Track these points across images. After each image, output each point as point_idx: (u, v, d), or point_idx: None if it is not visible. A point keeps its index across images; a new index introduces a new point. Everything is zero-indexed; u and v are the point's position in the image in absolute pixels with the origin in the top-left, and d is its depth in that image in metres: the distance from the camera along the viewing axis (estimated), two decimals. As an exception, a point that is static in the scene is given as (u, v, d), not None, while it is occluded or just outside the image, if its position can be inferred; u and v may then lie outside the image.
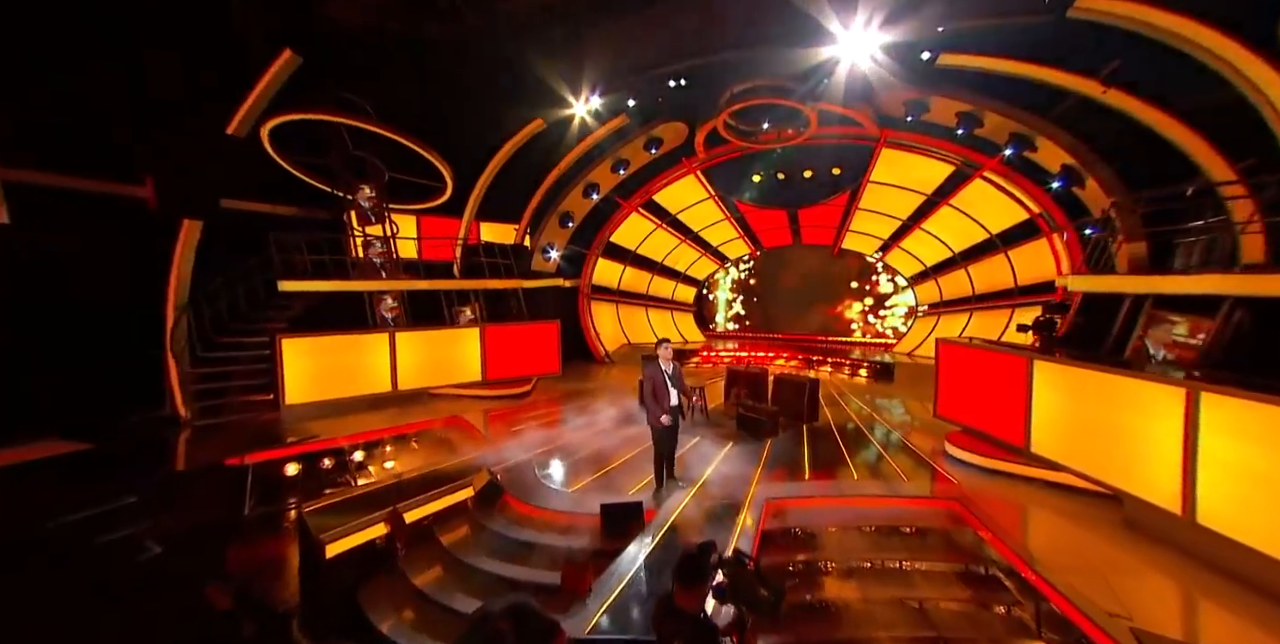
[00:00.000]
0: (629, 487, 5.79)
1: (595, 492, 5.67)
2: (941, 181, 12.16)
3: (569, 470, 6.37)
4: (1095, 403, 4.77)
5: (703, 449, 6.97)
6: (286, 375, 7.62)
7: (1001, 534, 4.47)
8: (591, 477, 6.11)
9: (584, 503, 5.34)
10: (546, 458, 6.77)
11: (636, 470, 6.26)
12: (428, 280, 10.54)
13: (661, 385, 5.30)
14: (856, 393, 11.18)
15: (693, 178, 15.36)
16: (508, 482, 5.91)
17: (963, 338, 6.77)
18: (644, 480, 5.92)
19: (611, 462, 6.59)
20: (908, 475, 5.90)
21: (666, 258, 17.83)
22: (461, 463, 6.54)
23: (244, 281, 8.99)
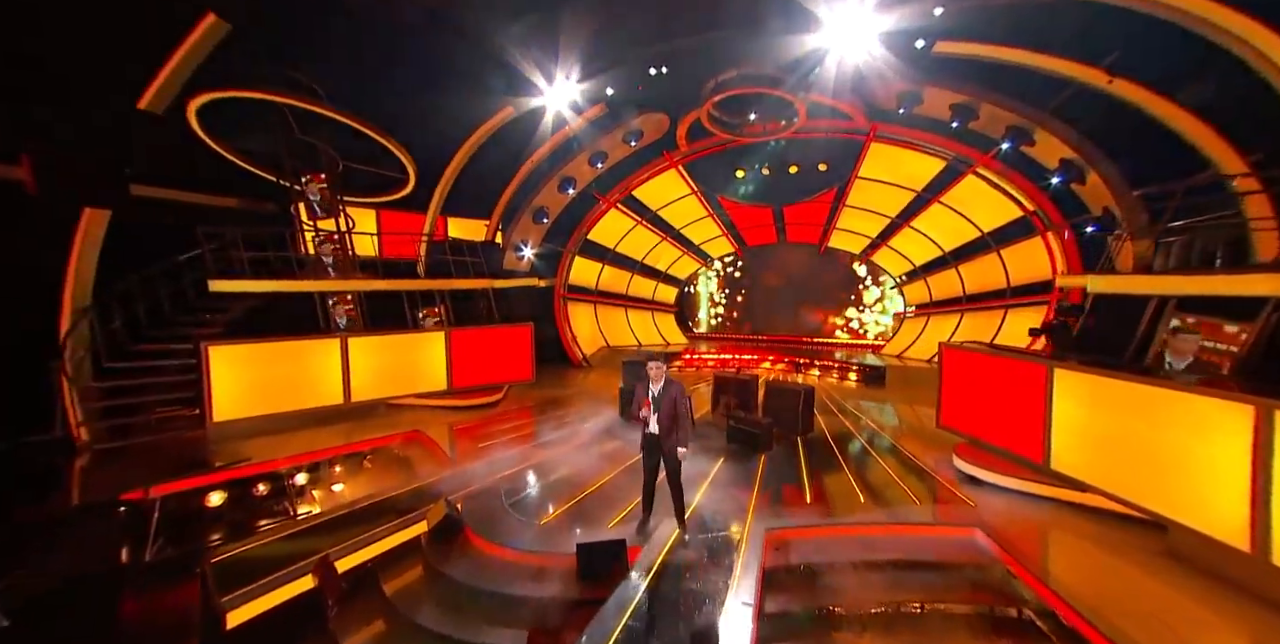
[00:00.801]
0: (610, 516, 5.09)
1: (571, 523, 4.96)
2: (932, 178, 11.83)
3: (541, 496, 5.63)
4: (1131, 417, 4.29)
5: (689, 468, 6.30)
6: (214, 388, 6.64)
7: (1032, 568, 3.94)
8: (567, 504, 5.38)
9: (557, 539, 4.61)
10: (516, 481, 6.01)
11: (618, 494, 5.56)
12: (386, 280, 9.61)
13: (644, 408, 4.61)
14: (848, 398, 10.72)
15: (674, 172, 14.73)
16: (469, 512, 5.13)
17: (970, 342, 6.28)
18: (628, 507, 5.23)
19: (589, 485, 5.87)
20: (918, 497, 5.37)
21: (647, 256, 17.19)
22: (417, 489, 5.72)
23: (170, 281, 7.94)
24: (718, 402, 8.07)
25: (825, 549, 4.55)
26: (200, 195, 8.94)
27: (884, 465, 6.48)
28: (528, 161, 13.34)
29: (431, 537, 4.66)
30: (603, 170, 14.17)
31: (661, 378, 4.59)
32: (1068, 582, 3.76)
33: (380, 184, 11.39)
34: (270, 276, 8.45)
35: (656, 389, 4.59)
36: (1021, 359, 5.46)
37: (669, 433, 4.54)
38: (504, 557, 4.47)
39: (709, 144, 13.81)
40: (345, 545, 4.37)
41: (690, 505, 5.16)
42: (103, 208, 6.36)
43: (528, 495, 5.63)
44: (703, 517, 4.98)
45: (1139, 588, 3.67)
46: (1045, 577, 3.81)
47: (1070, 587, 3.68)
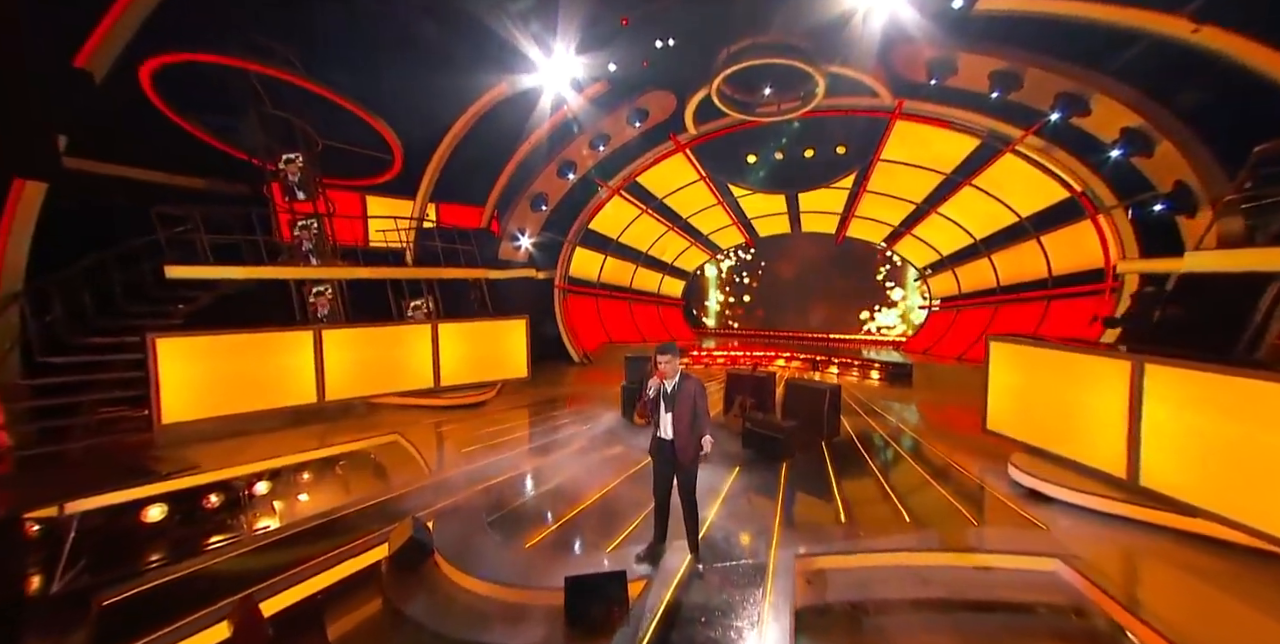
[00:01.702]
0: (609, 538, 4.32)
1: (562, 547, 4.20)
2: (964, 158, 10.91)
3: (528, 513, 4.87)
4: (1251, 424, 3.46)
5: (703, 479, 5.52)
6: (163, 386, 5.92)
7: (1137, 613, 3.13)
8: (558, 523, 4.61)
9: (544, 567, 3.85)
10: (500, 493, 5.25)
11: (620, 509, 4.80)
12: (367, 267, 8.88)
13: (654, 409, 3.84)
14: (872, 398, 9.89)
15: (682, 157, 13.90)
16: (442, 532, 4.38)
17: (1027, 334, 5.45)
18: (631, 525, 4.46)
19: (586, 498, 5.10)
20: (974, 517, 4.56)
21: (652, 247, 16.39)
22: (382, 503, 4.98)
23: (125, 267, 7.24)
24: (731, 402, 7.29)
25: (869, 583, 3.76)
26: (160, 174, 8.22)
27: (925, 476, 5.66)
28: (524, 144, 12.57)
29: (393, 564, 3.91)
30: (605, 154, 13.35)
31: (675, 372, 3.80)
32: (1184, 631, 2.96)
33: (364, 165, 10.68)
34: (238, 263, 7.75)
35: (670, 386, 3.80)
36: (1099, 354, 4.63)
37: (686, 439, 3.75)
38: (477, 591, 3.71)
39: (719, 126, 12.97)
40: (286, 576, 3.63)
41: (704, 525, 4.38)
42: (34, 178, 5.65)
43: (513, 511, 4.87)
44: (718, 539, 4.20)
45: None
46: (1155, 625, 3.00)
47: (1188, 638, 2.88)
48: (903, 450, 6.61)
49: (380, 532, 4.23)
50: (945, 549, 3.98)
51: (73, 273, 6.45)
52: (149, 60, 6.42)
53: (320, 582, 3.73)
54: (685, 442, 3.75)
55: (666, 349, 3.77)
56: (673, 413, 3.76)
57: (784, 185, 14.42)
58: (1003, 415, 5.81)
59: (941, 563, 3.88)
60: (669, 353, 3.76)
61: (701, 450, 3.77)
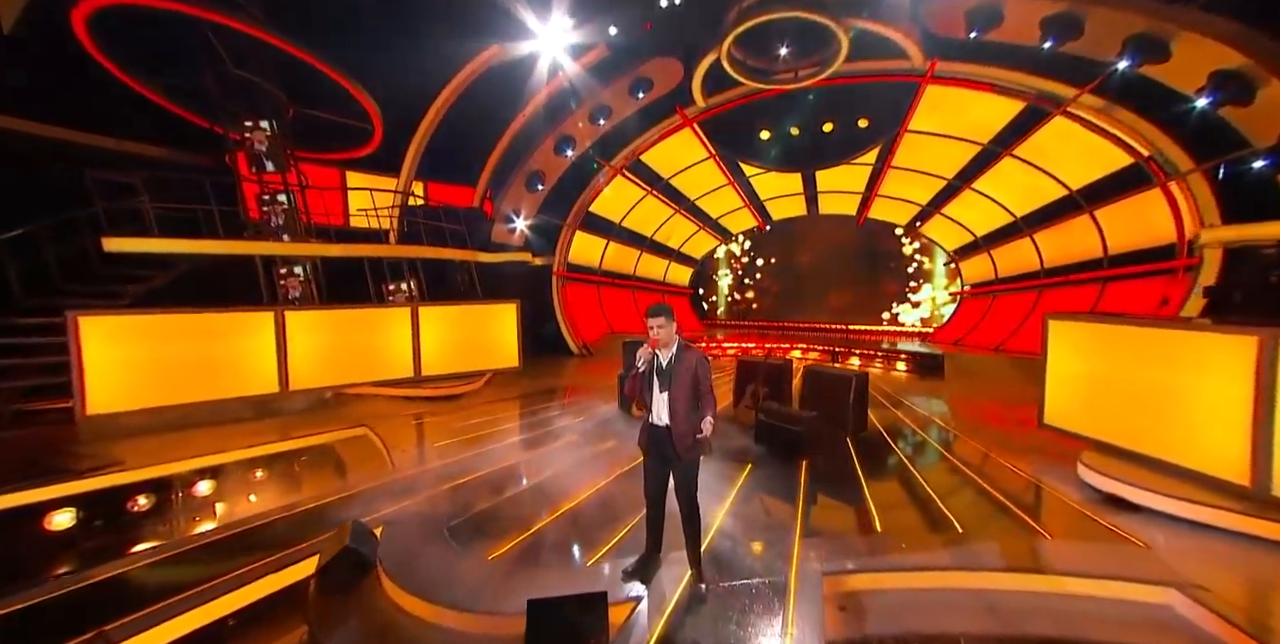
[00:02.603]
0: (593, 547, 3.62)
1: (533, 559, 3.50)
2: (1005, 125, 9.98)
3: (499, 517, 4.17)
4: None
5: (708, 478, 4.79)
6: (88, 372, 5.30)
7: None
8: (533, 529, 3.91)
9: (509, 584, 3.15)
10: (469, 493, 4.56)
11: (608, 513, 4.10)
12: (340, 245, 8.25)
13: (645, 387, 3.12)
14: (900, 391, 9.07)
15: (689, 133, 13.11)
16: (389, 541, 3.69)
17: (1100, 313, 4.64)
18: (620, 533, 3.75)
19: (569, 499, 4.40)
20: (1043, 526, 3.78)
21: (657, 232, 15.64)
22: (328, 506, 4.32)
23: (65, 241, 6.67)
24: (742, 392, 6.53)
25: (919, 610, 3.00)
26: (109, 139, 7.64)
27: (972, 476, 4.87)
28: (519, 116, 11.88)
29: (321, 581, 3.23)
30: (606, 129, 12.62)
31: (672, 341, 3.06)
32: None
33: (341, 136, 10.07)
34: (196, 236, 7.15)
35: (664, 359, 3.07)
36: (1207, 330, 3.80)
37: (686, 425, 3.00)
38: (422, 616, 3.01)
39: (730, 97, 12.18)
40: (185, 597, 2.96)
41: (707, 534, 3.65)
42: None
43: (480, 515, 4.17)
44: (725, 551, 3.47)
45: None
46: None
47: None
48: (941, 447, 5.82)
49: (313, 542, 3.55)
50: (1017, 569, 3.20)
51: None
52: (80, 3, 5.80)
53: (229, 603, 3.06)
54: (684, 429, 3.00)
55: (658, 311, 3.02)
56: (669, 392, 3.01)
57: (800, 163, 13.57)
58: (1065, 408, 5.01)
59: (1013, 586, 3.11)
60: (661, 315, 3.01)
61: (701, 433, 3.03)
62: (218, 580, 3.12)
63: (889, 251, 15.14)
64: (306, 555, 3.46)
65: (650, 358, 3.03)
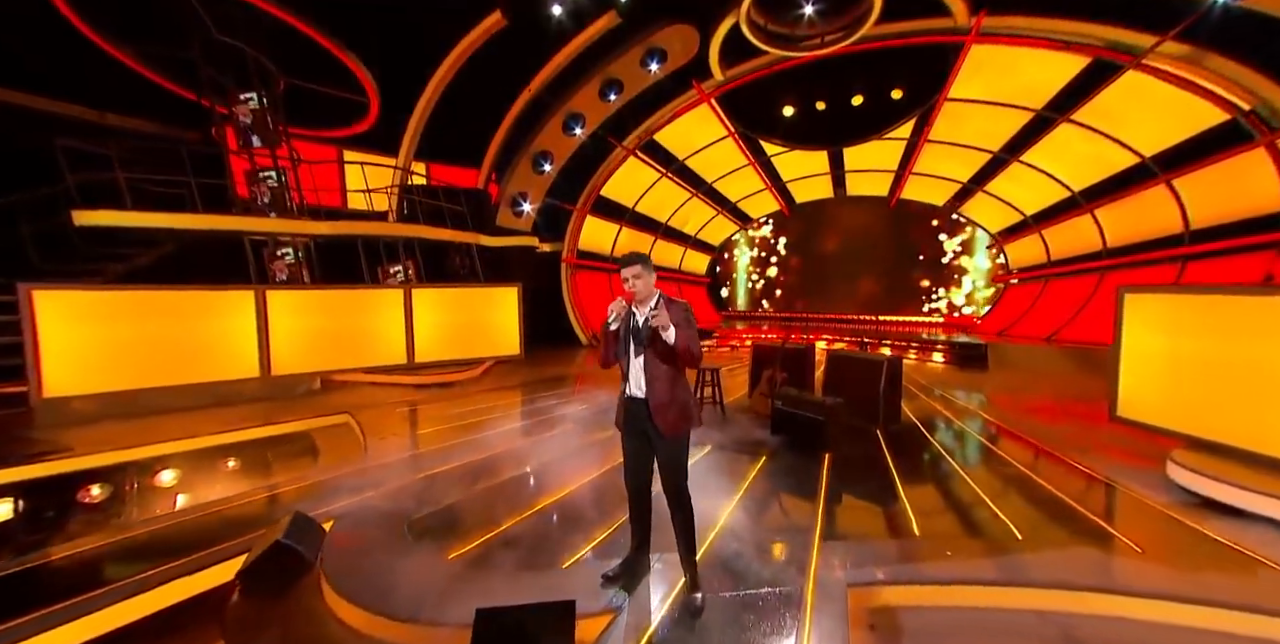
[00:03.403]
0: (572, 546, 3.13)
1: (499, 560, 3.03)
2: (1063, 86, 9.01)
3: (469, 510, 3.72)
4: None
5: (713, 472, 4.26)
6: (45, 352, 5.05)
7: None
8: (505, 525, 3.45)
9: (467, 588, 2.70)
10: (440, 484, 4.13)
11: (593, 509, 3.62)
12: (329, 222, 7.96)
13: (622, 352, 2.60)
14: (937, 383, 8.34)
15: (706, 109, 12.53)
16: (339, 536, 3.28)
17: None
18: (606, 530, 3.27)
19: (552, 492, 3.92)
20: (1132, 537, 3.12)
21: (673, 217, 15.08)
22: (282, 495, 3.95)
23: (42, 217, 6.51)
24: (757, 379, 5.96)
25: (971, 634, 2.42)
26: (91, 111, 7.49)
27: (1031, 476, 4.21)
28: (524, 91, 11.47)
29: (245, 584, 2.81)
30: (618, 104, 12.12)
31: (650, 295, 2.53)
32: None
33: (336, 111, 9.82)
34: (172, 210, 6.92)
35: (641, 316, 2.55)
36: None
37: (668, 396, 2.49)
38: (357, 626, 2.57)
39: (750, 68, 11.55)
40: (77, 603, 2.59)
41: (708, 534, 3.13)
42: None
43: (449, 509, 3.73)
44: (728, 554, 2.95)
45: None
46: None
47: None
48: (989, 442, 5.15)
49: (244, 539, 3.16)
50: (1102, 589, 2.58)
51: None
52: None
53: (132, 610, 2.66)
54: (664, 399, 2.49)
55: (633, 259, 2.50)
56: (645, 356, 2.50)
57: (827, 139, 12.84)
58: (1144, 398, 4.30)
59: (1094, 610, 2.49)
60: (637, 264, 2.49)
61: (689, 421, 2.53)
62: (119, 584, 2.72)
63: (924, 235, 14.26)
64: (237, 553, 3.06)
65: (624, 314, 2.50)
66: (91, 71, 7.35)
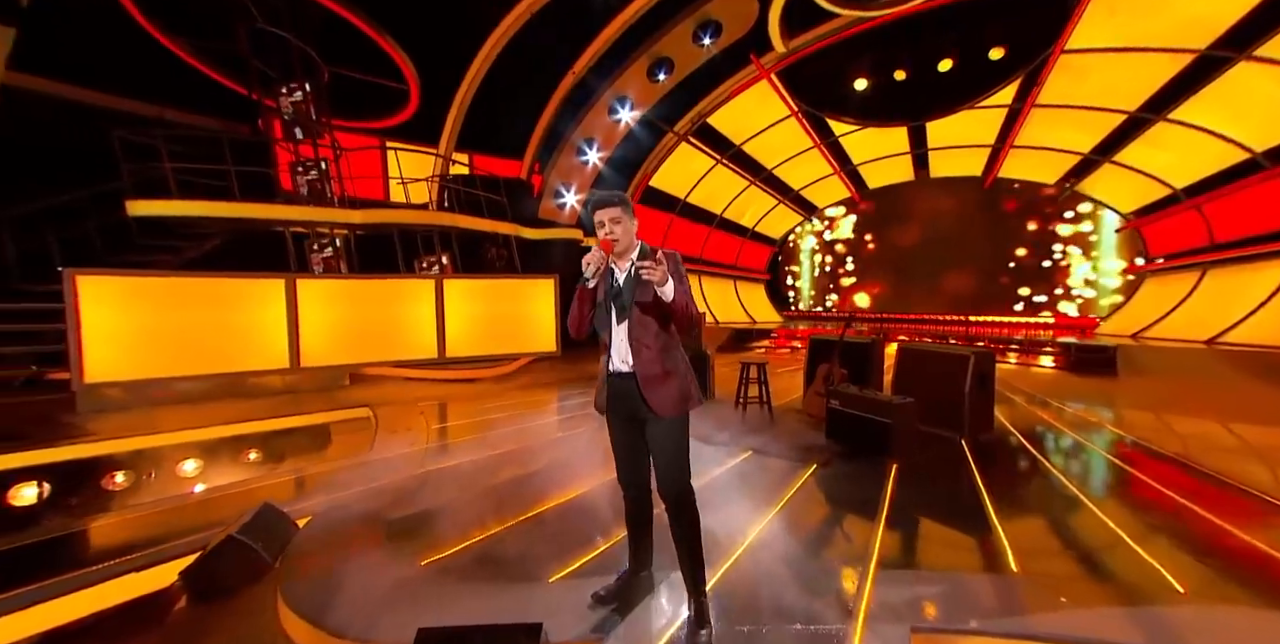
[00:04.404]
0: (565, 557, 2.75)
1: (477, 569, 2.70)
2: (1247, 12, 7.28)
3: (460, 511, 3.43)
4: None
5: (749, 480, 3.72)
6: (87, 337, 5.38)
7: None
8: (496, 528, 3.13)
9: (427, 604, 2.38)
10: (436, 483, 3.90)
11: (599, 516, 3.21)
12: (362, 210, 8.18)
13: (602, 316, 2.15)
14: (1045, 390, 7.20)
15: (766, 86, 11.96)
16: (312, 534, 3.09)
17: None
18: (609, 541, 2.86)
19: (555, 496, 3.56)
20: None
21: (728, 208, 14.48)
22: (263, 489, 3.87)
23: (110, 210, 7.11)
24: (812, 374, 5.31)
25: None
26: (150, 106, 8.16)
27: (1195, 508, 3.31)
28: (568, 75, 11.42)
29: (191, 584, 2.62)
30: (669, 85, 11.83)
31: (633, 247, 2.10)
32: None
33: (376, 100, 10.20)
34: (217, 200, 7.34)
35: (621, 272, 2.12)
36: None
37: (657, 366, 2.06)
38: (299, 641, 2.30)
39: (816, 36, 10.87)
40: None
41: (731, 551, 2.63)
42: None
43: (437, 508, 3.46)
44: (752, 578, 2.43)
45: None
46: None
47: None
48: (1125, 463, 4.20)
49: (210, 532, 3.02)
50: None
51: (34, 211, 6.29)
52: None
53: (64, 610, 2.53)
54: (657, 371, 2.06)
55: (611, 199, 2.07)
56: (630, 320, 2.06)
57: (907, 114, 11.84)
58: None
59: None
60: (616, 206, 2.05)
61: (688, 399, 2.11)
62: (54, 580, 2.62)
63: (1027, 219, 12.71)
64: (194, 550, 2.91)
65: (601, 267, 2.05)
66: (152, 68, 8.03)
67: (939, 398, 4.64)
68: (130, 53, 7.73)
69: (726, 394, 5.89)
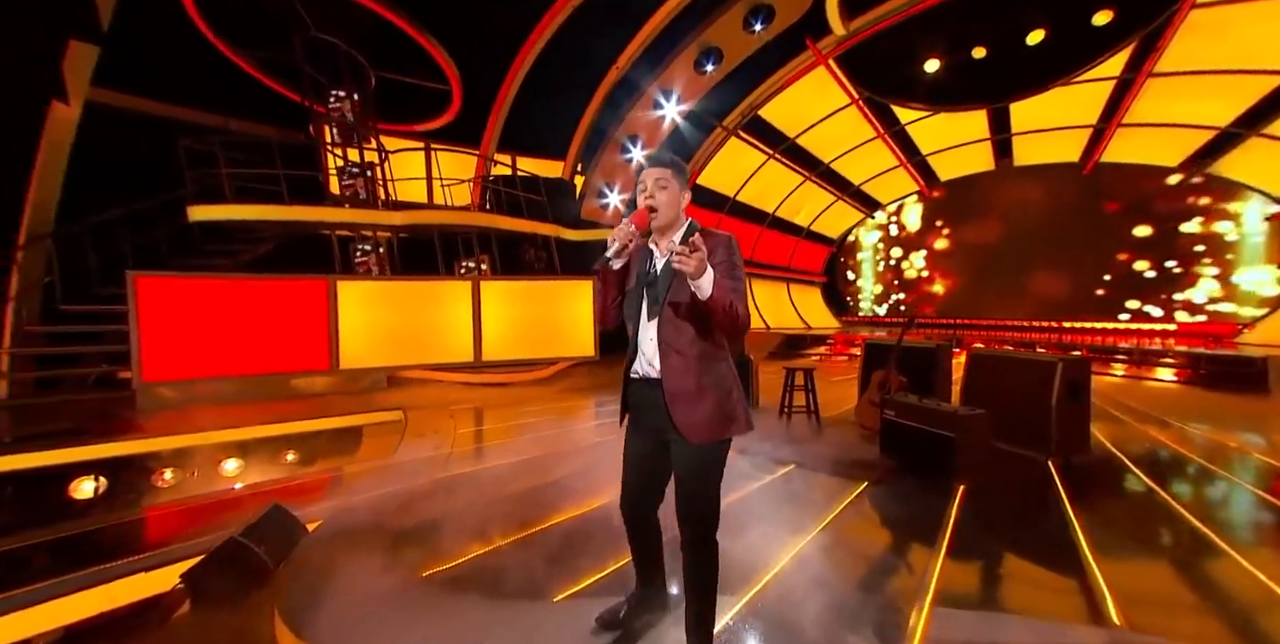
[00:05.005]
0: (575, 574, 2.62)
1: (479, 584, 2.61)
2: None
3: (471, 520, 3.36)
4: None
5: (789, 498, 3.44)
6: (144, 337, 5.81)
7: None
8: (507, 539, 3.03)
9: (417, 619, 2.30)
10: (450, 488, 3.87)
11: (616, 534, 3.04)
12: (403, 212, 8.48)
13: (631, 305, 1.85)
14: (1162, 408, 6.36)
15: (823, 73, 11.56)
16: (325, 536, 3.12)
17: None
18: (615, 564, 2.70)
19: (574, 507, 3.43)
20: None
21: (781, 206, 14.02)
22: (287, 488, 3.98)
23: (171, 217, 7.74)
24: (866, 382, 4.91)
25: None
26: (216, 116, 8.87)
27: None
28: (611, 69, 11.47)
29: (192, 587, 2.66)
30: (717, 77, 11.64)
31: (677, 223, 1.81)
32: None
33: (418, 103, 10.62)
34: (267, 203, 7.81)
35: (661, 254, 1.81)
36: None
37: (692, 376, 1.74)
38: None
39: (881, 16, 10.40)
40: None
41: (760, 577, 2.39)
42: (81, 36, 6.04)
43: (447, 515, 3.40)
44: (783, 610, 2.19)
45: None
46: None
47: None
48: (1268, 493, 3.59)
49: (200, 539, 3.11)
50: None
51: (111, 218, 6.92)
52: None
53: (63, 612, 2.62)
54: (689, 386, 1.73)
55: (658, 159, 1.76)
56: (662, 315, 1.75)
57: (988, 94, 11.02)
58: None
59: None
60: (667, 166, 1.74)
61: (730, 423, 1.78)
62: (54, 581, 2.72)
63: (1139, 210, 11.45)
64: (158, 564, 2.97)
65: (630, 246, 1.65)
66: (217, 80, 8.75)
67: (1019, 411, 4.16)
68: (197, 66, 8.44)
69: (771, 402, 5.60)
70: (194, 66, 8.53)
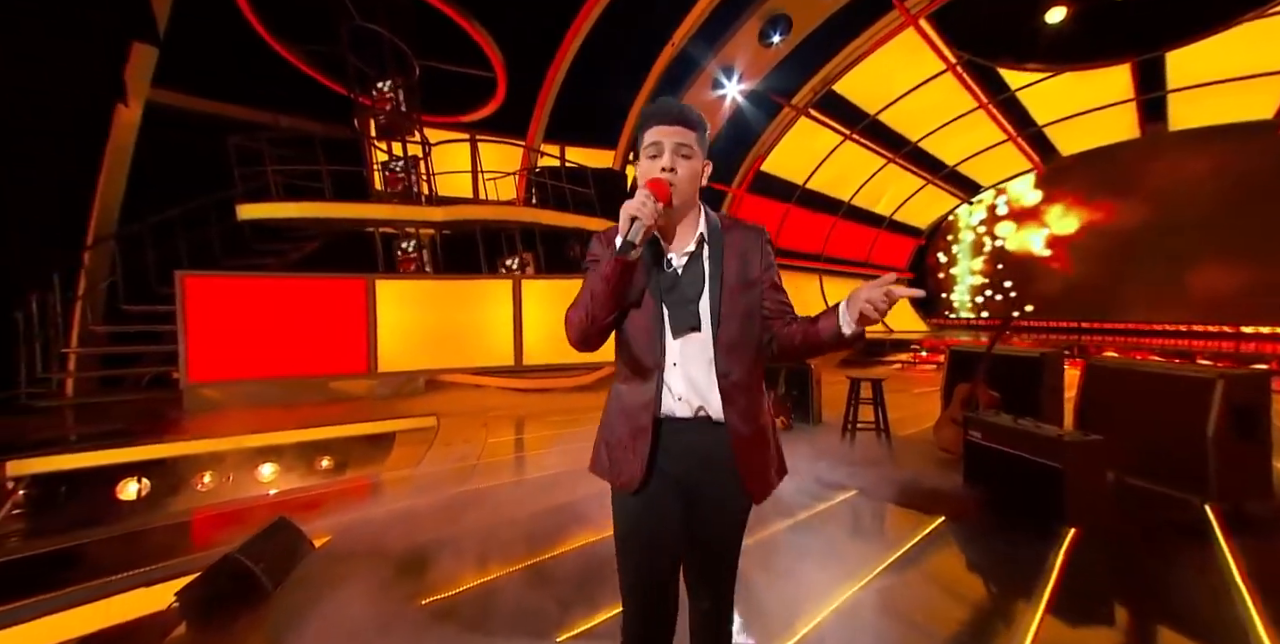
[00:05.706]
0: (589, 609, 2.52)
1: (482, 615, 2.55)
2: None
3: (484, 542, 3.29)
4: None
5: (847, 531, 3.12)
6: (190, 337, 6.28)
7: None
8: (511, 568, 2.95)
9: None
10: (462, 505, 3.84)
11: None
12: (444, 208, 8.73)
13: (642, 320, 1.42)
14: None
15: (912, 35, 10.81)
16: (332, 553, 3.17)
17: None
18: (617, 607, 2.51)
19: (589, 532, 3.30)
20: None
21: (859, 193, 13.23)
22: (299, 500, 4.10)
23: (221, 215, 8.39)
24: (950, 396, 4.41)
25: None
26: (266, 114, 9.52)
27: None
28: (667, 47, 11.32)
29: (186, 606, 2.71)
30: (784, 49, 11.20)
31: (691, 203, 1.41)
32: None
33: (461, 90, 10.91)
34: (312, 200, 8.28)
35: (674, 252, 1.42)
36: None
37: (756, 419, 1.43)
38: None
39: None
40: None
41: (806, 621, 2.15)
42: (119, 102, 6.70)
43: (459, 537, 3.36)
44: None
45: None
46: None
47: None
48: None
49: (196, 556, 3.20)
50: None
51: (169, 218, 7.60)
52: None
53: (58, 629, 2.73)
54: (753, 430, 1.43)
55: (675, 114, 1.34)
56: (718, 338, 1.38)
57: (1134, 43, 9.72)
58: None
59: None
60: (684, 124, 1.33)
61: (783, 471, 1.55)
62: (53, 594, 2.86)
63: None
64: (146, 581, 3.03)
65: (652, 226, 1.24)
66: (266, 77, 9.41)
67: (1163, 441, 3.57)
68: (246, 63, 9.12)
69: (834, 417, 5.21)
70: (243, 63, 9.20)
